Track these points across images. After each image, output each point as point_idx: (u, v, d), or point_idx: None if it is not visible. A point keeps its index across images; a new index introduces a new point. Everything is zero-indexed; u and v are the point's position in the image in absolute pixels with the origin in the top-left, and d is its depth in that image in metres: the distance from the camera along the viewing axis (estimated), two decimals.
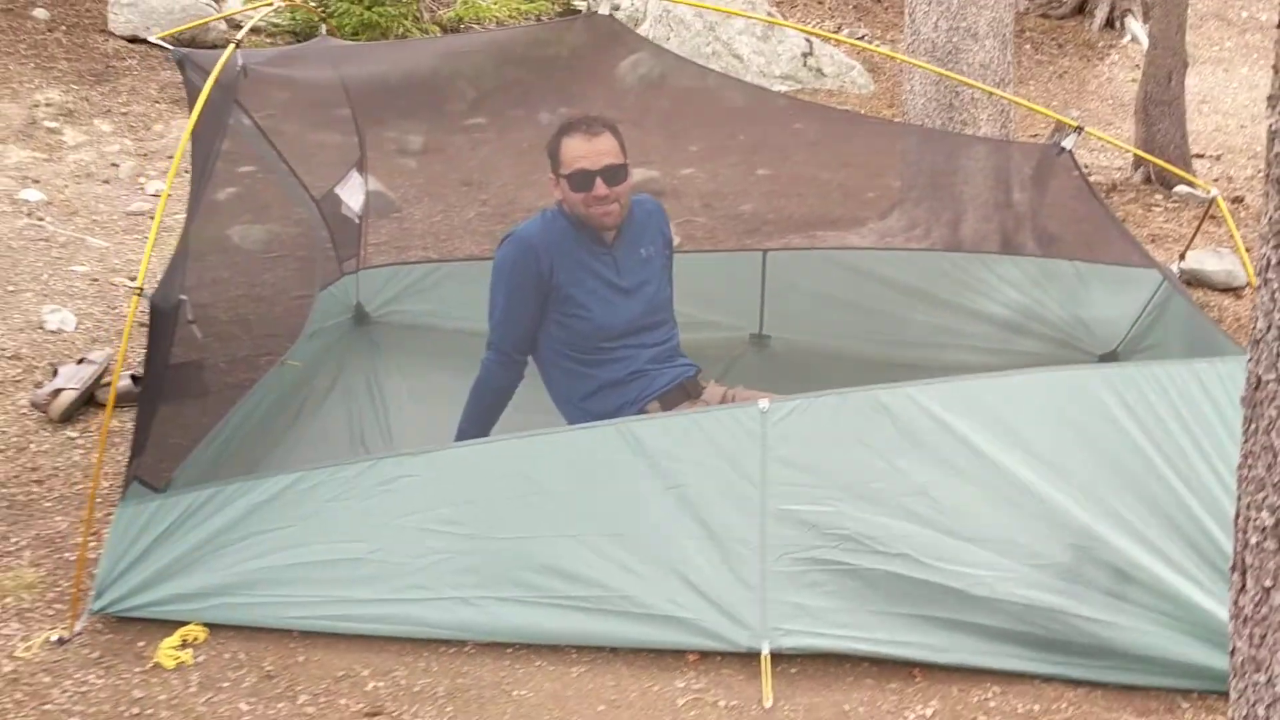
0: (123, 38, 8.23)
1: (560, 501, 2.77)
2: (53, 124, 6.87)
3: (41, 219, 5.52)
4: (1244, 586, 1.64)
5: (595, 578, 2.73)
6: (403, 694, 2.62)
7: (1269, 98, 1.42)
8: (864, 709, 2.60)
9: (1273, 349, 1.48)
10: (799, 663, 2.71)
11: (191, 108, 2.98)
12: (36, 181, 6.03)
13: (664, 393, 3.21)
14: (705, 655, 2.74)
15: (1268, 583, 1.58)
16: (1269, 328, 1.48)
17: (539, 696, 2.62)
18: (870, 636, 2.69)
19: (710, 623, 2.69)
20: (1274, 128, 1.42)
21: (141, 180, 6.29)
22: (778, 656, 2.68)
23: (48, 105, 7.04)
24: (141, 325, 3.02)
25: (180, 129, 7.08)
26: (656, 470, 2.74)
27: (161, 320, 2.78)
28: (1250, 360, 1.55)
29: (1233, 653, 1.70)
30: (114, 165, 6.47)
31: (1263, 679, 1.64)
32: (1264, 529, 1.57)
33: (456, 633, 2.77)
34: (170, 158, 6.67)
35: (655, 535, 2.74)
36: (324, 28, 4.16)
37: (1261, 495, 1.57)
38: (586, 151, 3.11)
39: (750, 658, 2.69)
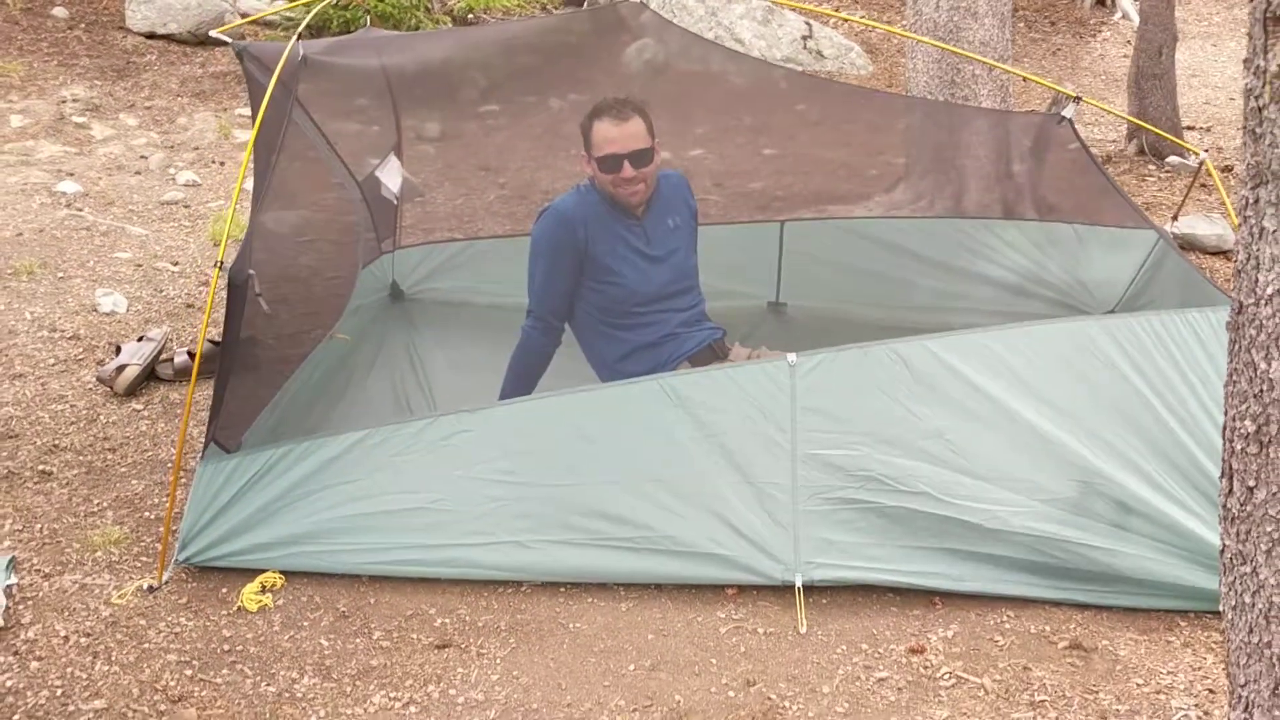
0: (140, 34, 8.45)
1: (606, 451, 3.01)
2: (80, 119, 7.09)
3: (80, 210, 5.74)
4: (1231, 489, 1.88)
5: (640, 520, 2.97)
6: (468, 629, 2.86)
7: (1244, 60, 1.65)
8: (890, 632, 2.85)
9: (1251, 276, 1.71)
10: (829, 593, 2.96)
11: (253, 98, 3.20)
12: (71, 174, 6.25)
13: (694, 354, 3.44)
14: (743, 589, 2.98)
15: (1251, 483, 1.82)
16: (1248, 258, 1.71)
17: (593, 628, 2.87)
18: (894, 568, 2.94)
19: (747, 558, 2.94)
20: (1249, 86, 1.65)
21: (171, 171, 6.52)
22: (810, 588, 2.93)
23: (74, 101, 7.26)
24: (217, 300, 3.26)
25: (203, 122, 7.30)
26: (695, 420, 2.98)
27: (236, 294, 3.01)
28: (1234, 289, 1.78)
29: (1223, 551, 1.93)
30: (143, 158, 6.69)
31: (1248, 570, 1.88)
32: (1247, 435, 1.80)
33: (514, 574, 3.01)
34: (196, 149, 6.90)
35: (694, 480, 2.97)
36: (368, 20, 4.36)
37: (1245, 406, 1.80)
38: (616, 135, 3.33)
39: (785, 590, 2.93)
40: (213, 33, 3.26)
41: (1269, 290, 1.67)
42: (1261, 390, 1.74)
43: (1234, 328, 1.81)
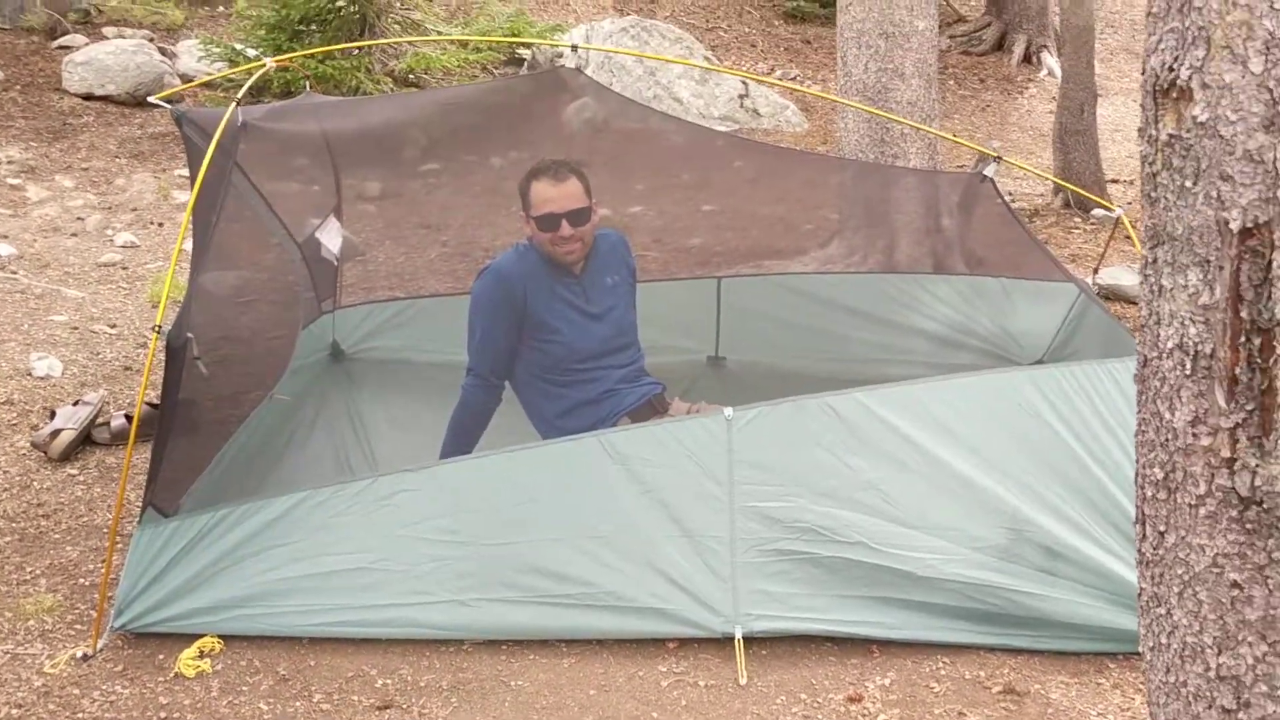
0: (78, 95, 8.42)
1: (547, 508, 3.04)
2: (15, 181, 7.04)
3: (15, 272, 5.69)
4: (1144, 535, 1.95)
5: (581, 576, 3.00)
6: (410, 689, 2.86)
7: (1138, 129, 1.76)
8: (829, 681, 2.89)
9: (1154, 331, 1.80)
10: (769, 644, 3.00)
11: (192, 162, 3.23)
12: (5, 236, 6.20)
13: (634, 409, 3.49)
14: (684, 642, 3.01)
15: (1161, 527, 1.89)
16: (1150, 314, 1.80)
17: (535, 685, 2.88)
18: (831, 618, 2.99)
19: (687, 612, 2.97)
20: (1144, 153, 1.75)
21: (109, 232, 6.48)
22: (749, 640, 2.96)
23: (9, 163, 7.21)
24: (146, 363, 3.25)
25: (141, 183, 7.28)
26: (633, 476, 3.02)
27: (174, 357, 3.02)
28: (1139, 343, 1.87)
29: (1140, 594, 2.01)
30: (80, 219, 6.65)
31: (1163, 611, 1.95)
32: (1156, 482, 1.88)
33: (456, 632, 3.02)
34: (134, 210, 6.87)
35: (634, 535, 3.01)
36: (308, 85, 4.42)
37: (1153, 454, 1.88)
38: (554, 195, 3.41)
39: (725, 642, 2.97)
40: (150, 99, 3.30)
41: (1169, 344, 1.76)
42: (1167, 439, 1.82)
43: (1140, 380, 1.90)
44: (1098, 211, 7.32)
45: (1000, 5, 12.31)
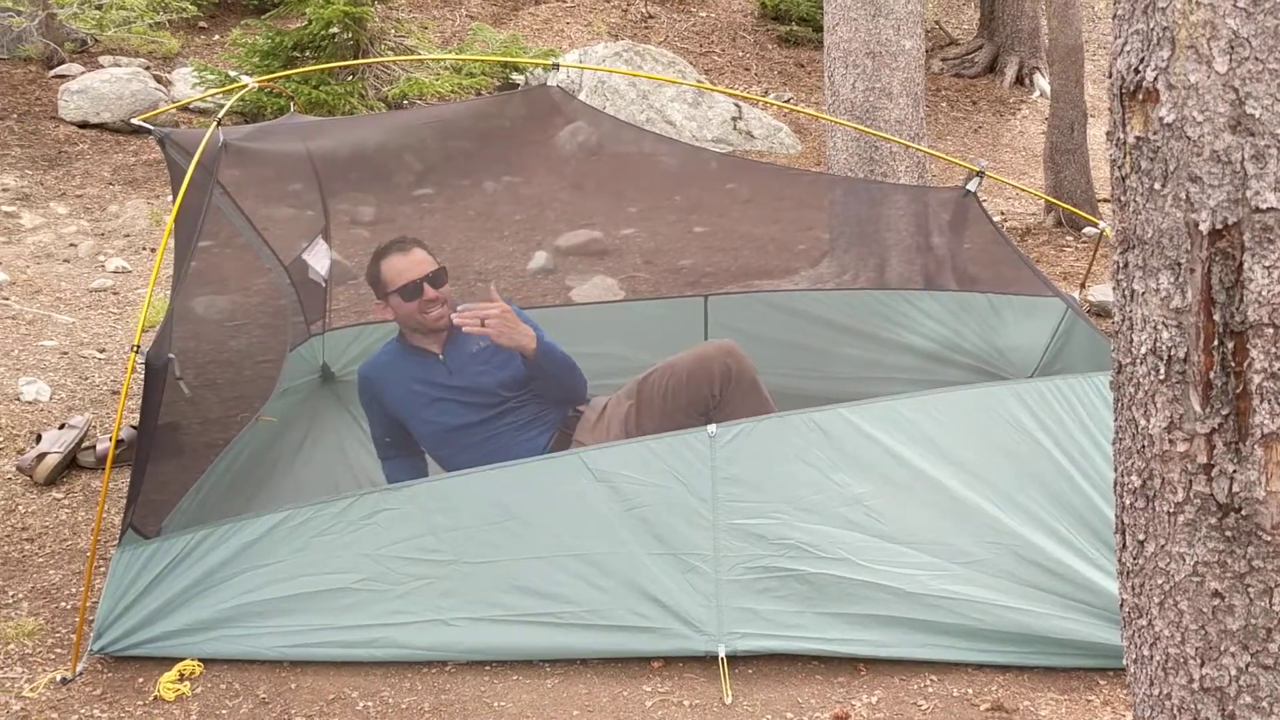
0: (73, 123, 8.45)
1: (529, 526, 3.01)
2: (9, 208, 7.05)
3: (6, 298, 5.68)
4: (1124, 544, 1.93)
5: (564, 594, 2.97)
6: (391, 711, 2.83)
7: (1107, 133, 1.75)
8: (815, 700, 2.85)
9: (1127, 337, 1.79)
10: (754, 662, 2.97)
11: (174, 182, 3.23)
12: None
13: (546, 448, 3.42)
14: (668, 661, 2.98)
15: (1140, 536, 1.87)
16: (1123, 320, 1.79)
17: (518, 706, 2.84)
18: (817, 636, 2.96)
19: (671, 630, 2.94)
20: (1113, 157, 1.74)
21: (101, 259, 6.48)
22: (734, 658, 2.93)
23: (3, 190, 7.22)
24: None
25: (134, 209, 7.29)
26: (615, 493, 3.00)
27: (154, 377, 3.00)
28: (1114, 350, 1.86)
29: (1121, 605, 1.98)
30: (72, 245, 6.65)
31: (1145, 622, 1.92)
32: (1134, 490, 1.86)
33: (438, 653, 2.99)
34: (126, 236, 6.88)
35: (618, 552, 2.98)
36: (292, 105, 4.42)
37: (1130, 462, 1.86)
38: (406, 265, 3.47)
39: (710, 661, 2.94)
40: (135, 120, 3.30)
41: (1143, 349, 1.75)
42: (1143, 446, 1.80)
43: (1115, 387, 1.88)
44: (1089, 230, 7.32)
45: (992, 28, 12.37)
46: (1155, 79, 1.56)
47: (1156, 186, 1.62)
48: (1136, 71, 1.60)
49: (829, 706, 2.83)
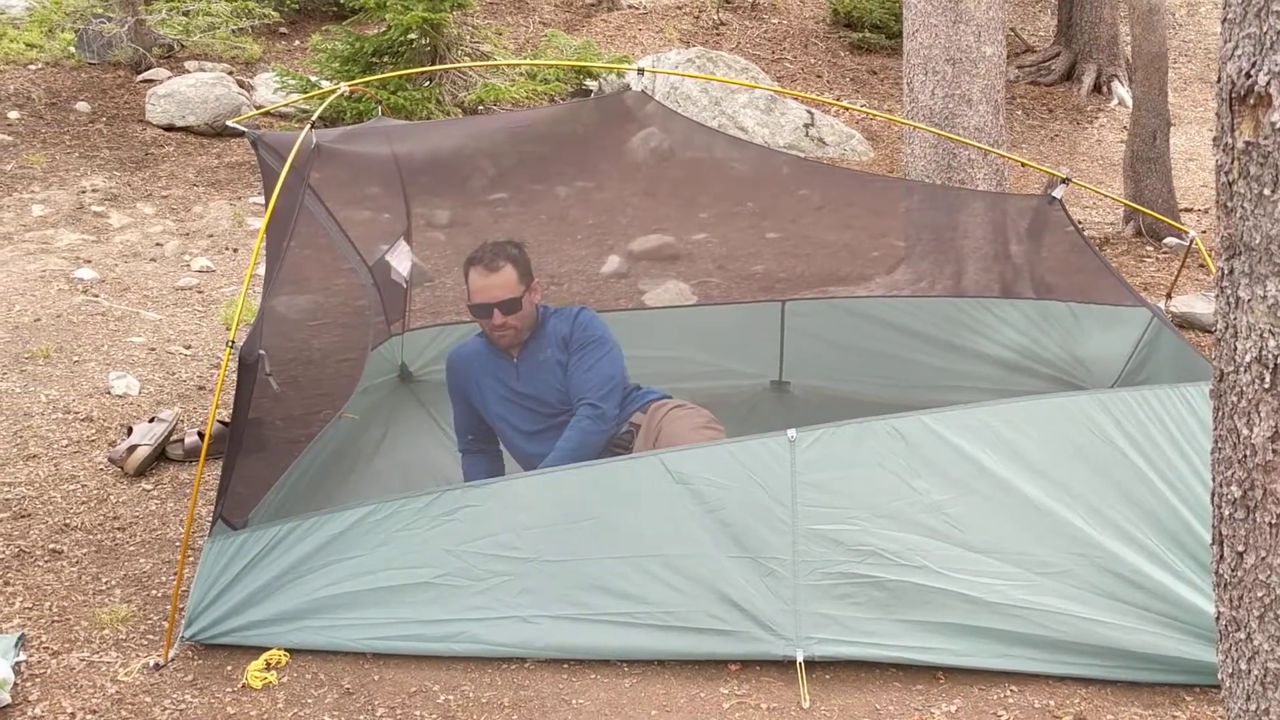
0: (160, 126, 8.68)
1: (608, 526, 3.04)
2: (99, 208, 7.26)
3: (96, 295, 5.86)
4: (1222, 556, 1.90)
5: (642, 595, 2.99)
6: (472, 705, 2.87)
7: (1214, 138, 1.73)
8: (894, 707, 2.84)
9: (1230, 345, 1.76)
10: (832, 668, 2.96)
11: (265, 182, 3.30)
12: (88, 261, 6.39)
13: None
14: (746, 664, 2.99)
15: (1240, 548, 1.84)
16: (1226, 327, 1.77)
17: (596, 705, 2.87)
18: (895, 643, 2.94)
19: (749, 634, 2.95)
20: (1219, 162, 1.72)
21: (186, 258, 6.65)
22: (812, 663, 2.93)
23: (94, 191, 7.44)
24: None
25: (217, 210, 7.47)
26: (695, 495, 3.02)
27: (247, 373, 3.08)
28: (1215, 357, 1.83)
29: (1218, 618, 1.95)
30: (158, 245, 6.83)
31: (1243, 636, 1.89)
32: (1234, 501, 1.83)
33: (517, 650, 3.03)
34: (210, 236, 7.04)
35: (696, 554, 3.00)
36: (379, 109, 4.51)
37: (1230, 472, 1.83)
38: (483, 286, 3.52)
39: (787, 665, 2.94)
40: (229, 123, 3.39)
41: (1247, 358, 1.72)
42: (1245, 455, 1.78)
43: (1216, 395, 1.85)
44: (1170, 240, 7.18)
45: (1070, 35, 12.19)
46: (1268, 83, 1.54)
47: (1266, 192, 1.60)
48: (1248, 76, 1.58)
49: (907, 714, 2.81)
